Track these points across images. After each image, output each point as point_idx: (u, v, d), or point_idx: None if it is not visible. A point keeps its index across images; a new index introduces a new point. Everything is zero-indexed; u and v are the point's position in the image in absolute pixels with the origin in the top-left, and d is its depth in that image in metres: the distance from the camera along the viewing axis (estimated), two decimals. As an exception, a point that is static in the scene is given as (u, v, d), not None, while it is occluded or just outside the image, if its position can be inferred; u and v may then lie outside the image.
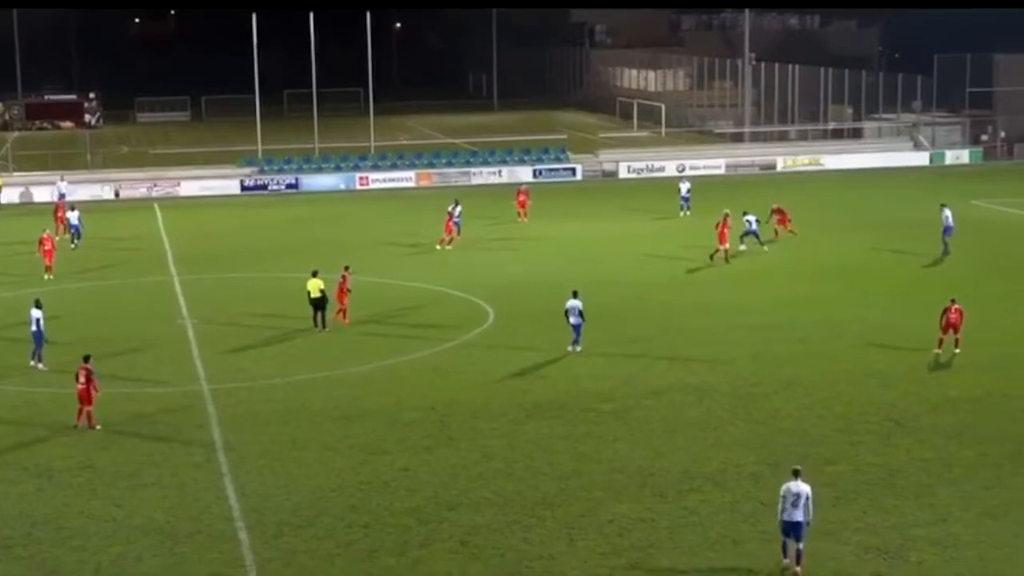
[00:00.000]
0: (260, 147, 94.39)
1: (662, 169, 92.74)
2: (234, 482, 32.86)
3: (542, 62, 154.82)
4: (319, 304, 48.01)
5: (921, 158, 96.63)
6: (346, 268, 49.98)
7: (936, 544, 28.38)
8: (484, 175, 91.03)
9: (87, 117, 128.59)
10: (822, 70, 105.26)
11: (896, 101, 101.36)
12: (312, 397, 40.10)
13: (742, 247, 60.58)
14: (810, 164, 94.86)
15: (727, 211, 59.84)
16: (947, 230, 59.43)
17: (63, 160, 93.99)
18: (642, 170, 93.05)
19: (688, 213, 72.04)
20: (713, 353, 44.13)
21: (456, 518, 30.36)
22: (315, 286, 48.11)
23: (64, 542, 29.37)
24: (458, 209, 65.55)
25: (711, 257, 58.65)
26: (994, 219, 68.44)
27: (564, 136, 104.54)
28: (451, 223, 64.46)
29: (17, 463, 34.65)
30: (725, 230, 58.71)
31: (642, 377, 41.49)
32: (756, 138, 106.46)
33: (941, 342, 43.23)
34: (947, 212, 59.77)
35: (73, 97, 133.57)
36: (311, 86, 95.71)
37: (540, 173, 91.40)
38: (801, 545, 26.76)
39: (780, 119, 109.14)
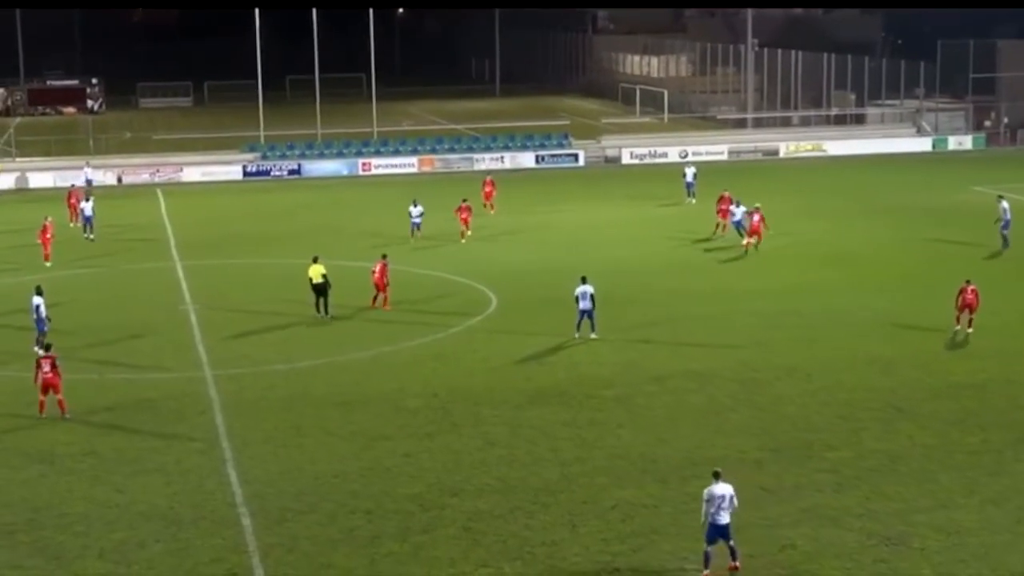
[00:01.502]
0: (262, 133, 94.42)
1: (665, 155, 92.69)
2: (237, 468, 32.90)
3: (544, 48, 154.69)
4: (321, 290, 47.94)
5: (924, 144, 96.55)
6: (384, 256, 49.68)
7: (938, 530, 28.40)
8: (487, 161, 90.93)
9: (89, 103, 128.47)
10: (825, 56, 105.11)
11: (899, 87, 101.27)
12: (314, 383, 40.13)
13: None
14: (813, 150, 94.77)
15: (758, 204, 59.22)
16: (1006, 224, 57.28)
17: (66, 146, 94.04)
18: (645, 156, 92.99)
19: (693, 200, 71.82)
20: (715, 339, 44.14)
21: (459, 504, 30.39)
22: (317, 272, 48.04)
23: (67, 528, 29.42)
24: (418, 209, 62.45)
25: (745, 249, 57.86)
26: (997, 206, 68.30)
27: (567, 122, 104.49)
28: (464, 214, 62.48)
29: (20, 449, 34.70)
30: (760, 223, 57.88)
31: (644, 363, 41.49)
32: (759, 124, 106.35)
33: (958, 319, 43.68)
34: (1004, 204, 57.84)
35: (76, 83, 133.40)
36: (313, 72, 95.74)
37: (543, 159, 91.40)
38: (732, 542, 26.42)
39: (783, 105, 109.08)
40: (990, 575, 26.35)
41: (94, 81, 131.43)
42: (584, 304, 43.66)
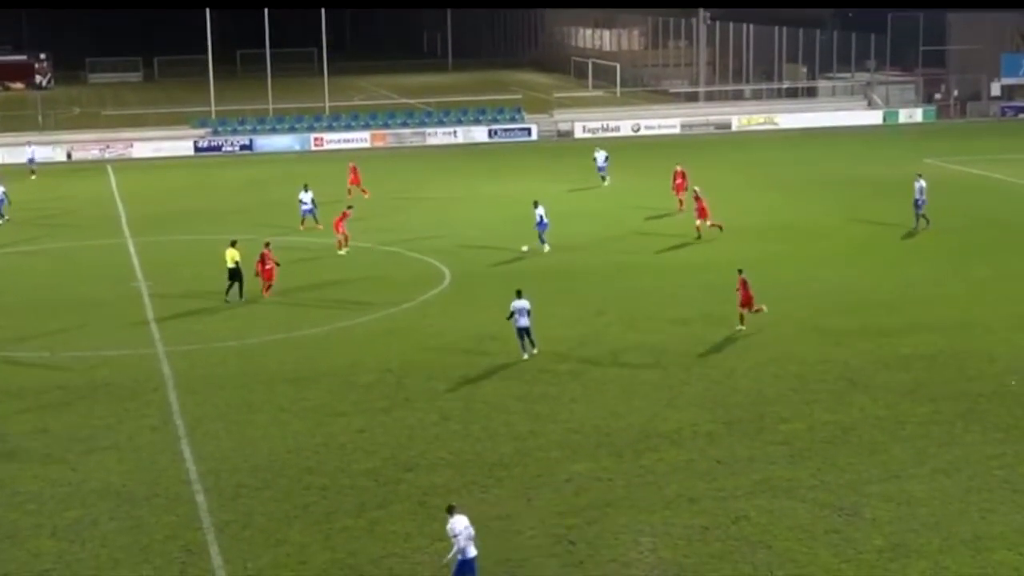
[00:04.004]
0: (213, 108, 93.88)
1: (617, 129, 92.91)
2: (190, 445, 32.81)
3: (497, 22, 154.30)
4: (234, 274, 47.13)
5: (875, 117, 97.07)
6: (266, 244, 48.16)
7: (890, 500, 28.64)
8: (439, 136, 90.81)
9: (38, 78, 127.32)
10: (776, 29, 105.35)
11: (850, 60, 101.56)
12: (267, 360, 40.01)
13: (525, 248, 53.66)
14: (765, 123, 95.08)
15: (697, 188, 57.18)
16: (918, 203, 55.90)
17: (14, 122, 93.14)
18: (597, 130, 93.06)
19: (606, 183, 69.80)
20: (668, 313, 44.27)
21: (413, 479, 30.41)
22: (231, 256, 47.01)
23: (20, 506, 29.26)
24: (308, 195, 58.68)
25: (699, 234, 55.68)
26: (947, 177, 68.80)
27: (519, 96, 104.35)
28: (342, 222, 54.30)
29: (-29, 428, 34.48)
30: (703, 205, 55.80)
31: (598, 337, 41.57)
32: (711, 97, 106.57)
33: (742, 318, 41.74)
34: (921, 183, 56.41)
35: (23, 58, 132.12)
36: (264, 46, 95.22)
37: (495, 133, 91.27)
38: None
39: (735, 78, 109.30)
40: (941, 544, 26.59)
41: (42, 56, 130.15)
42: (522, 321, 39.22)
